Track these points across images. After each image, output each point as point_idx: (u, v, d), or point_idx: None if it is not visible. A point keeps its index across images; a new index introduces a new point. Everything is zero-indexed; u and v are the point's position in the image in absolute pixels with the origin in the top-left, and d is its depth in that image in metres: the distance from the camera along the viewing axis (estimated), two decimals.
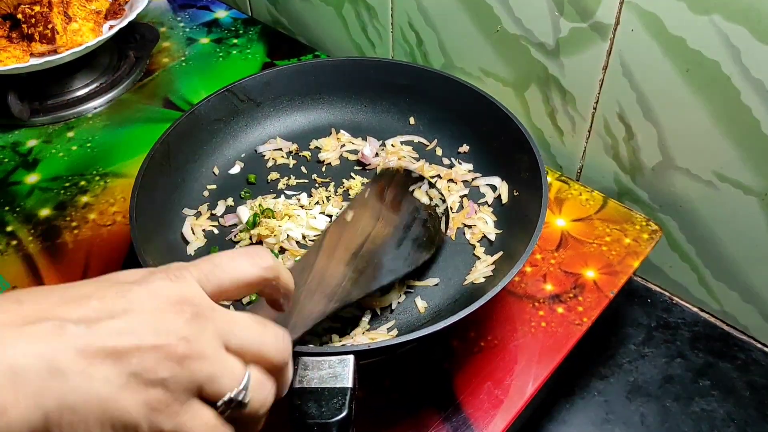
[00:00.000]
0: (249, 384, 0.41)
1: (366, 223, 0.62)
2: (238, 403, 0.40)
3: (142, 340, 0.37)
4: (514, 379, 0.64)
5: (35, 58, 0.92)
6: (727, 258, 0.77)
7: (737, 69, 0.65)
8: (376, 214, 0.62)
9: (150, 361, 0.37)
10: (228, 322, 0.41)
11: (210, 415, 0.39)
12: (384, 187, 0.65)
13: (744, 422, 0.71)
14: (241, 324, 0.42)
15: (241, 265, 0.43)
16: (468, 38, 0.87)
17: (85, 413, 0.35)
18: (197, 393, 0.39)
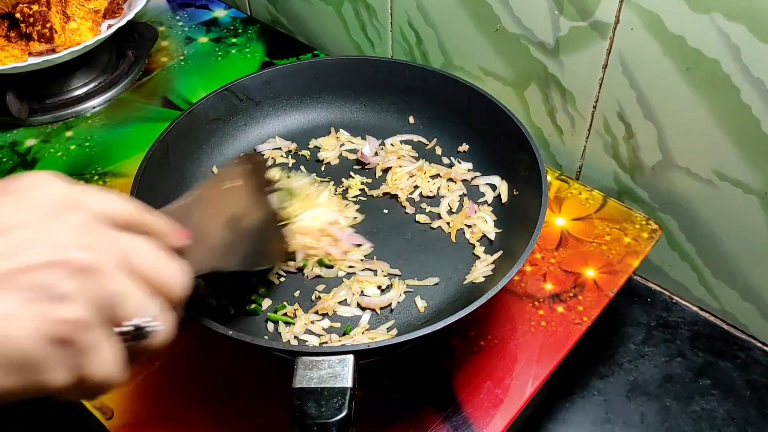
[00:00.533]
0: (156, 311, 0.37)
1: (238, 199, 0.58)
2: (142, 334, 0.36)
3: (31, 256, 0.32)
4: (514, 378, 0.64)
5: (34, 58, 0.92)
6: (727, 257, 0.77)
7: (737, 68, 0.65)
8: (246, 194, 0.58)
9: (47, 277, 0.32)
10: (128, 241, 0.37)
11: (115, 348, 0.35)
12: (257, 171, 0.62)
13: (744, 421, 0.71)
14: (143, 247, 0.38)
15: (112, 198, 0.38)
16: (467, 37, 0.87)
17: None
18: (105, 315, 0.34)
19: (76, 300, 0.32)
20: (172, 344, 0.41)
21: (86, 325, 0.33)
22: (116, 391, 0.64)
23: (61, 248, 0.33)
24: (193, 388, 0.64)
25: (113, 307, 0.34)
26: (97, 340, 0.34)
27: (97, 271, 0.33)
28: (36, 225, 0.33)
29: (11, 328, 0.31)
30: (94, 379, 0.35)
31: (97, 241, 0.34)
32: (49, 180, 0.35)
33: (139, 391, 0.64)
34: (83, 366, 0.34)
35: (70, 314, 0.32)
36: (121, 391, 0.64)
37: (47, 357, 0.32)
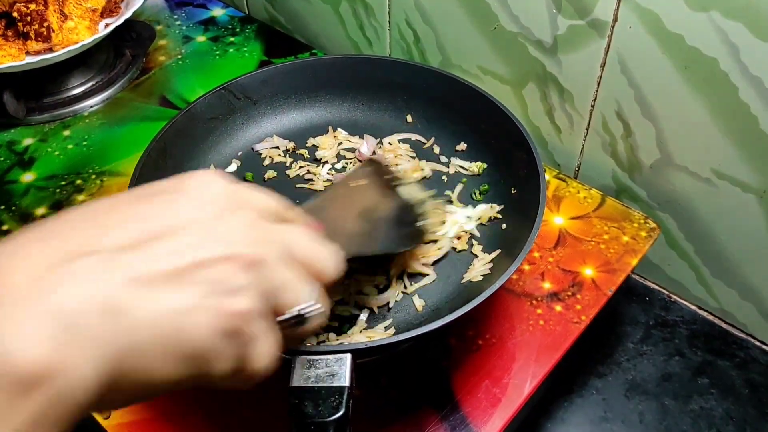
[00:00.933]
0: (316, 295, 0.39)
1: (366, 194, 0.63)
2: (301, 320, 0.38)
3: (206, 252, 0.34)
4: (512, 377, 0.64)
5: (31, 57, 0.91)
6: (726, 256, 0.77)
7: (736, 66, 0.64)
8: (373, 190, 0.63)
9: (220, 272, 0.34)
10: (288, 233, 0.39)
11: (275, 337, 0.37)
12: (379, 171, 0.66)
13: (743, 420, 0.71)
14: (302, 236, 0.40)
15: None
16: (465, 36, 0.87)
17: (153, 352, 0.32)
18: (269, 305, 0.36)
19: (247, 293, 0.34)
20: None
21: (254, 316, 0.35)
22: None
23: (232, 244, 0.35)
24: (190, 389, 0.64)
25: (278, 297, 0.37)
26: (262, 330, 0.36)
27: (264, 264, 0.35)
28: (207, 223, 0.35)
29: (189, 322, 0.32)
30: (253, 367, 0.37)
31: (261, 235, 0.36)
32: (214, 179, 0.37)
33: None
34: (247, 356, 0.36)
35: (242, 306, 0.34)
36: None
37: (219, 349, 0.34)
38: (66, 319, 0.29)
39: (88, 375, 0.29)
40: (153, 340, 0.31)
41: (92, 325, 0.30)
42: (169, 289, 0.32)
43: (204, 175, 0.37)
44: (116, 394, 0.32)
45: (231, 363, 0.35)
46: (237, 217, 0.36)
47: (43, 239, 0.32)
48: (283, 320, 0.38)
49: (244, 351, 0.36)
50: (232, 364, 0.35)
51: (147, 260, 0.32)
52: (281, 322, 0.38)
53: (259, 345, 0.36)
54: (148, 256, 0.32)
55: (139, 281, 0.31)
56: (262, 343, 0.36)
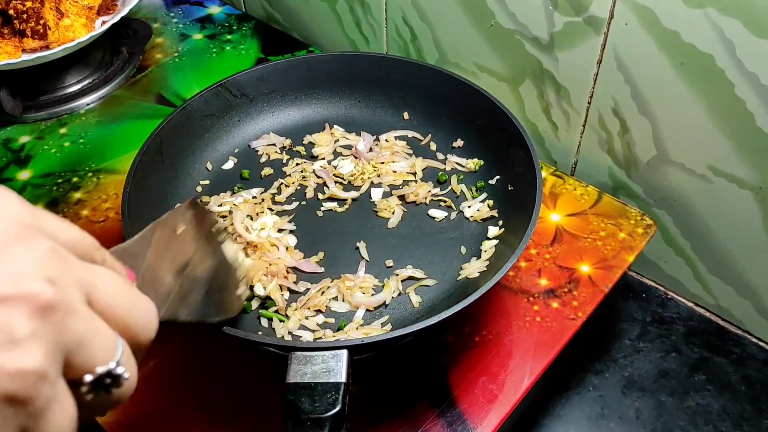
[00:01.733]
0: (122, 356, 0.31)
1: (189, 245, 0.54)
2: (111, 381, 0.31)
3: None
4: (509, 374, 0.64)
5: (27, 54, 0.91)
6: (722, 252, 0.77)
7: (731, 62, 0.64)
8: (196, 241, 0.54)
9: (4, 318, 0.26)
10: (93, 274, 0.31)
11: (73, 404, 0.29)
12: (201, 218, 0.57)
13: (739, 416, 0.71)
14: (112, 281, 0.32)
15: None
16: (462, 33, 0.87)
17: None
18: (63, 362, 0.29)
19: (33, 345, 0.27)
20: (165, 341, 0.40)
21: (45, 377, 0.27)
22: None
23: (19, 279, 0.27)
24: (186, 385, 0.64)
25: (75, 353, 0.29)
26: (54, 396, 0.28)
27: (59, 307, 0.28)
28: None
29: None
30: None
31: (60, 272, 0.29)
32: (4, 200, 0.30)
33: None
34: (34, 428, 0.28)
35: (26, 364, 0.26)
36: None
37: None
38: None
39: None
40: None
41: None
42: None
43: None
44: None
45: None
46: (29, 247, 0.28)
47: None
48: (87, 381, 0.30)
49: (30, 422, 0.28)
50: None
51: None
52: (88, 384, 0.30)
53: (52, 414, 0.28)
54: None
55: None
56: (56, 411, 0.28)
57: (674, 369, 0.75)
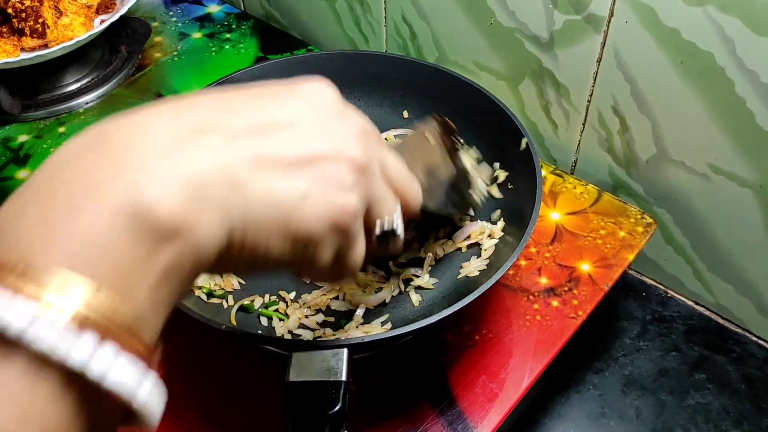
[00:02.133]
0: (399, 216, 0.41)
1: (435, 152, 0.64)
2: (389, 234, 0.41)
3: (323, 148, 0.36)
4: (509, 372, 0.64)
5: (26, 53, 0.91)
6: (722, 251, 0.77)
7: (731, 60, 0.64)
8: (440, 149, 0.64)
9: (335, 169, 0.35)
10: (384, 153, 0.41)
11: (364, 243, 0.40)
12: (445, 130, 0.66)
13: (739, 415, 0.71)
14: (393, 159, 0.42)
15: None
16: (462, 32, 0.87)
17: (267, 228, 0.34)
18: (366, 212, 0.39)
19: (354, 192, 0.36)
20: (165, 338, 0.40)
21: (358, 215, 0.37)
22: None
23: (345, 145, 0.36)
24: (186, 384, 0.64)
25: (373, 205, 0.39)
26: (358, 232, 0.38)
27: (369, 170, 0.37)
28: (321, 121, 0.36)
29: (303, 207, 0.34)
30: (347, 265, 0.39)
31: (369, 146, 0.38)
32: (325, 87, 0.38)
33: None
34: (345, 251, 0.38)
35: (352, 203, 0.36)
36: None
37: (325, 238, 0.36)
38: (195, 183, 0.31)
39: (215, 234, 0.32)
40: (268, 218, 0.33)
41: (217, 191, 0.31)
42: (288, 175, 0.34)
43: (316, 83, 0.38)
44: (229, 262, 0.34)
45: (332, 254, 0.38)
46: (347, 124, 0.38)
47: (171, 115, 0.33)
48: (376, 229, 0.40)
49: (344, 246, 0.38)
50: (332, 256, 0.38)
51: (267, 145, 0.34)
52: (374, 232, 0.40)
53: (357, 244, 0.39)
54: (268, 141, 0.34)
55: (259, 162, 0.33)
56: (359, 242, 0.39)
57: (674, 367, 0.75)
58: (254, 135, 0.34)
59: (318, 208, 0.35)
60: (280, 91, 0.37)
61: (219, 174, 0.32)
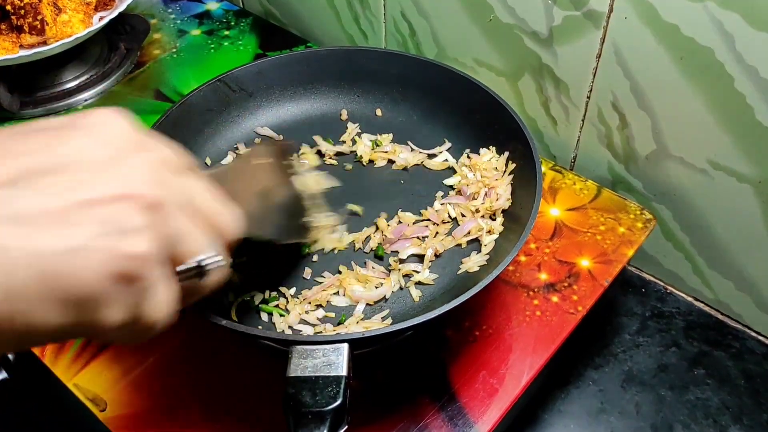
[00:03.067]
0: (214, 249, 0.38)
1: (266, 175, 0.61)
2: (201, 272, 0.37)
3: (102, 189, 0.31)
4: (509, 368, 0.64)
5: (25, 50, 0.91)
6: (722, 247, 0.77)
7: (731, 56, 0.64)
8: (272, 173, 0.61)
9: (117, 211, 0.31)
10: (191, 184, 0.37)
11: (173, 288, 0.36)
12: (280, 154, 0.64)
13: (739, 410, 0.71)
14: (204, 190, 0.38)
15: None
16: (461, 28, 0.87)
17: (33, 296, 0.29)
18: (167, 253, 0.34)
19: (145, 235, 0.32)
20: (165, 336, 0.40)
21: (151, 261, 0.33)
22: (110, 383, 0.64)
23: (130, 183, 0.33)
24: (187, 380, 0.64)
25: (177, 244, 0.35)
26: (158, 278, 0.34)
27: (164, 207, 0.34)
28: (103, 160, 0.33)
29: (75, 264, 0.30)
30: (149, 318, 0.35)
31: (163, 180, 0.35)
32: (116, 119, 0.35)
33: (133, 383, 0.63)
34: (141, 305, 0.34)
35: (138, 249, 0.32)
36: (115, 383, 0.64)
37: (109, 294, 0.32)
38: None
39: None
40: (32, 283, 0.29)
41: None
42: (54, 229, 0.30)
43: (105, 113, 0.35)
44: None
45: (123, 312, 0.33)
46: (137, 159, 0.34)
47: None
48: (183, 270, 0.36)
49: (138, 300, 0.33)
50: (125, 313, 0.33)
51: (30, 196, 0.30)
52: (181, 272, 0.36)
53: (156, 294, 0.34)
54: (31, 191, 0.30)
55: (17, 220, 0.29)
56: (159, 292, 0.34)
57: (674, 363, 0.75)
58: (13, 186, 0.30)
59: (95, 260, 0.30)
60: (59, 126, 0.34)
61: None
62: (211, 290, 0.40)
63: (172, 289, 0.36)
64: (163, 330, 0.37)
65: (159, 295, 0.34)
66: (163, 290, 0.35)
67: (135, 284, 0.32)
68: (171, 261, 0.35)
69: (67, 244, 0.30)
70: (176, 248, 0.35)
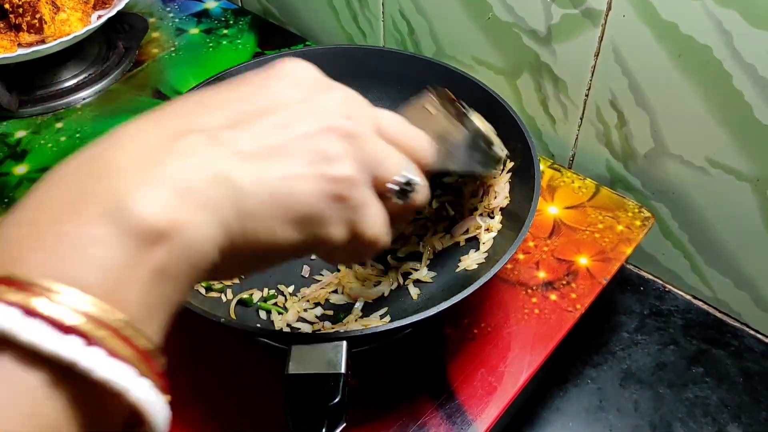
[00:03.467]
0: (412, 169, 0.41)
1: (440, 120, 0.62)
2: (407, 188, 0.40)
3: (305, 126, 0.36)
4: (508, 366, 0.64)
5: (23, 49, 0.91)
6: (720, 245, 0.77)
7: (729, 53, 0.65)
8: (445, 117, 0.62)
9: (320, 142, 0.36)
10: (377, 114, 0.40)
11: (381, 206, 0.39)
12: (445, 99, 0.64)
13: (737, 408, 0.71)
14: (394, 119, 0.41)
15: None
16: (459, 26, 0.87)
17: (266, 216, 0.34)
18: (370, 176, 0.38)
19: (345, 160, 0.36)
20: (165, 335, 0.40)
21: (356, 181, 0.37)
22: None
23: (328, 117, 0.36)
24: (186, 378, 0.64)
25: (376, 166, 0.38)
26: (366, 197, 0.38)
27: (359, 135, 0.37)
28: (304, 100, 0.37)
29: (295, 187, 0.34)
30: (366, 235, 0.38)
31: (355, 112, 0.38)
32: (303, 65, 0.39)
33: None
34: (357, 221, 0.38)
35: (342, 172, 0.36)
36: None
37: (327, 212, 0.36)
38: (179, 186, 0.31)
39: (207, 234, 0.32)
40: (264, 206, 0.33)
41: (205, 192, 0.32)
42: (273, 160, 0.34)
43: (293, 61, 0.39)
44: (239, 259, 0.34)
45: (343, 228, 0.37)
46: (330, 96, 0.38)
47: (150, 125, 0.34)
48: (390, 188, 0.39)
49: (352, 216, 0.37)
50: (344, 228, 0.37)
51: (248, 136, 0.34)
52: (392, 189, 0.39)
53: (367, 212, 0.38)
54: (248, 132, 0.34)
55: (242, 154, 0.33)
56: (369, 209, 0.38)
57: (672, 361, 0.75)
58: (235, 128, 0.34)
59: (310, 184, 0.35)
60: (257, 77, 0.38)
61: (203, 174, 0.32)
62: (414, 210, 0.43)
63: (380, 207, 0.39)
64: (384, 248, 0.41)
65: (369, 212, 0.38)
66: (372, 208, 0.38)
67: (346, 203, 0.36)
68: (374, 182, 0.39)
69: (287, 172, 0.34)
70: (377, 170, 0.38)
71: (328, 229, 0.37)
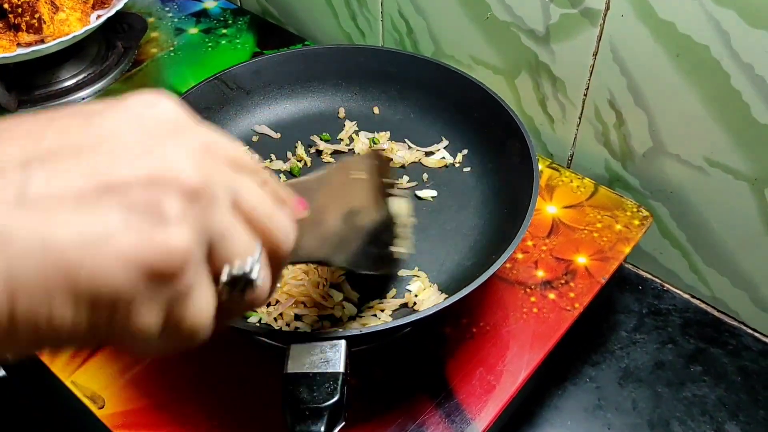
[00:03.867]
0: (259, 258, 0.31)
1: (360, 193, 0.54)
2: (245, 282, 0.31)
3: (132, 170, 0.27)
4: (507, 364, 0.64)
5: (22, 48, 0.91)
6: (718, 244, 0.77)
7: (727, 53, 0.65)
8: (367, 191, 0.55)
9: (152, 195, 0.27)
10: (239, 181, 0.31)
11: (212, 295, 0.30)
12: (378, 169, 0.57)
13: (735, 407, 0.71)
14: (254, 190, 0.32)
15: None
16: (458, 26, 0.87)
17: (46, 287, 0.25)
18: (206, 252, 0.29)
19: (182, 225, 0.27)
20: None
21: (190, 257, 0.28)
22: (108, 381, 0.64)
23: (170, 166, 0.27)
24: (184, 377, 0.64)
25: (217, 244, 0.29)
26: (198, 281, 0.29)
27: (206, 198, 0.28)
28: (145, 139, 0.28)
29: (102, 254, 0.25)
30: (183, 325, 0.29)
31: (210, 168, 0.29)
32: (161, 99, 0.30)
33: (131, 381, 0.64)
34: (176, 308, 0.29)
35: (175, 241, 0.27)
36: (113, 380, 0.64)
37: (139, 292, 0.27)
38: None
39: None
40: (38, 271, 0.25)
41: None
42: (73, 214, 0.25)
43: (152, 96, 0.30)
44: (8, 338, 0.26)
45: (156, 315, 0.28)
46: (183, 141, 0.29)
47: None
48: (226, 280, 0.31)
49: (174, 302, 0.28)
50: (158, 316, 0.28)
51: (44, 176, 0.26)
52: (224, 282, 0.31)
53: (195, 298, 0.29)
54: (47, 171, 0.26)
55: (36, 201, 0.25)
56: (197, 295, 0.29)
57: (670, 360, 0.75)
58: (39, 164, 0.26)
59: (123, 251, 0.26)
60: (95, 108, 0.29)
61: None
62: (254, 306, 0.33)
63: (211, 297, 0.30)
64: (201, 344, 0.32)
65: (199, 299, 0.29)
66: (202, 297, 0.30)
67: (170, 283, 0.27)
68: (210, 263, 0.30)
69: (88, 232, 0.25)
70: (216, 248, 0.30)
71: (137, 315, 0.27)
